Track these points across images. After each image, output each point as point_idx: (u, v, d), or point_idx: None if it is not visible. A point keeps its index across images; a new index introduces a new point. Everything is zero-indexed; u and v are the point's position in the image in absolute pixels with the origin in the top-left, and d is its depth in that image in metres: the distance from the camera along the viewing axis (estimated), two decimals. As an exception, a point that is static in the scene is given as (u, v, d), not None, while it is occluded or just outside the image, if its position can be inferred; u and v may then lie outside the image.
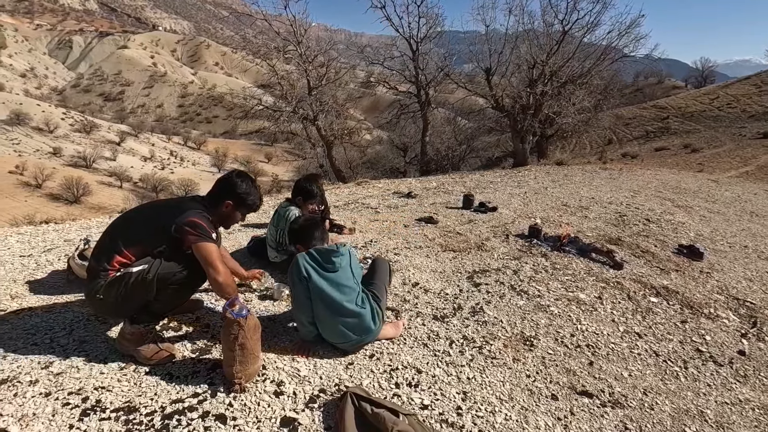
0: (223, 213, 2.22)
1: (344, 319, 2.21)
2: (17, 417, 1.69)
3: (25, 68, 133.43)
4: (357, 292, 2.29)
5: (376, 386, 2.09)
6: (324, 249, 2.32)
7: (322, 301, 2.19)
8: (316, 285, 2.20)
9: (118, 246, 1.99)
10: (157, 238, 2.01)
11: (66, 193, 45.85)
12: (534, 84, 11.55)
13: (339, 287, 2.23)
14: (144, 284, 1.95)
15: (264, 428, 1.75)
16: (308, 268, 2.23)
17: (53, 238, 3.75)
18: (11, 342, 2.15)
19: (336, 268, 2.26)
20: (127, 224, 2.12)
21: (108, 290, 1.96)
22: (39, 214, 32.85)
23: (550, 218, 5.36)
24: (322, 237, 2.47)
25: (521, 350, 2.53)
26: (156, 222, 2.05)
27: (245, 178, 2.29)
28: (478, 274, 3.49)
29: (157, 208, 2.21)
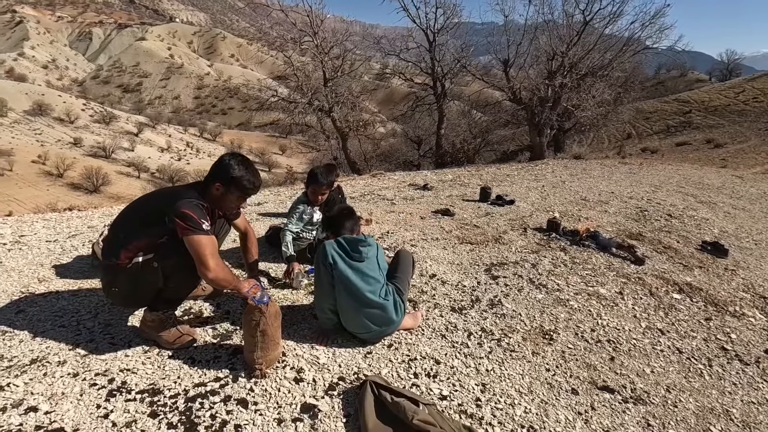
0: (214, 196, 2.09)
1: (367, 309, 2.20)
2: (47, 396, 1.74)
3: (47, 60, 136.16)
4: (381, 284, 2.28)
5: (395, 376, 2.09)
6: (352, 238, 2.32)
7: (345, 289, 2.19)
8: (341, 272, 2.20)
9: (123, 240, 1.99)
10: (158, 230, 1.98)
11: (86, 182, 46.90)
12: (553, 76, 11.32)
13: (364, 277, 2.22)
14: (151, 273, 1.96)
15: (285, 414, 1.77)
16: (334, 255, 2.23)
17: (77, 224, 3.84)
18: (40, 323, 2.21)
19: (362, 257, 2.25)
20: (128, 218, 2.09)
21: (121, 282, 1.99)
22: (60, 203, 33.74)
23: (568, 212, 5.27)
24: (352, 228, 2.45)
25: (540, 344, 2.50)
26: (153, 214, 2.01)
27: (236, 158, 2.13)
28: (495, 267, 3.46)
29: (153, 200, 2.15)
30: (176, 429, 1.64)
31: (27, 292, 2.52)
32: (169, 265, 1.97)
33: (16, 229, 3.58)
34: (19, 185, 45.41)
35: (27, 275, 2.73)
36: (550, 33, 11.58)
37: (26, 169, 48.51)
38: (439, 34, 12.43)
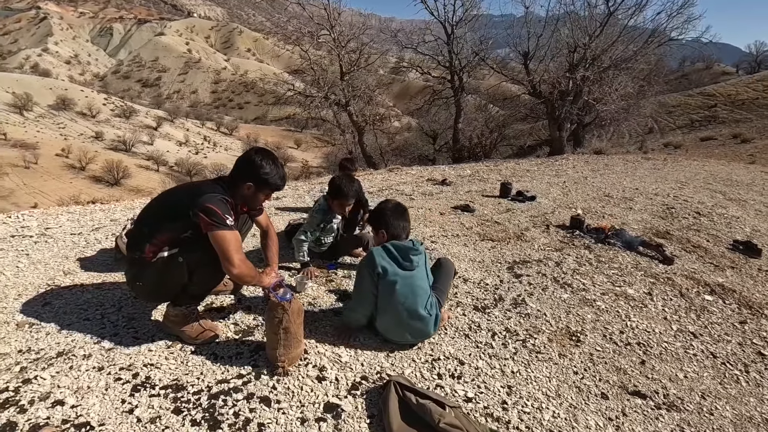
0: (245, 195, 2.08)
1: (411, 322, 2.14)
2: (73, 389, 1.74)
3: (70, 55, 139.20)
4: (428, 295, 2.18)
5: (418, 376, 2.05)
6: (402, 245, 2.17)
7: (393, 300, 2.11)
8: (390, 283, 2.10)
9: (148, 234, 1.98)
10: (182, 224, 1.97)
11: (107, 175, 47.97)
12: (574, 69, 11.03)
13: (413, 289, 2.13)
14: (176, 268, 1.95)
15: (308, 413, 1.74)
16: (384, 264, 2.12)
17: (100, 217, 3.88)
18: (65, 316, 2.23)
19: (413, 266, 2.15)
20: (153, 212, 2.09)
21: (146, 276, 1.98)
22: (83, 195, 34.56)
23: (591, 209, 5.14)
24: (405, 229, 2.28)
25: (567, 345, 2.42)
26: (177, 208, 2.00)
27: (265, 156, 2.09)
28: (518, 265, 3.38)
29: (177, 194, 2.13)
30: (200, 426, 1.63)
31: (53, 285, 2.55)
32: (194, 259, 1.96)
33: (42, 222, 3.64)
34: (44, 178, 46.71)
35: (53, 268, 2.76)
36: (572, 24, 11.26)
37: (50, 162, 49.84)
38: (457, 27, 12.22)
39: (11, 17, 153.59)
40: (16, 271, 2.69)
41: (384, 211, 2.26)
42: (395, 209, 2.28)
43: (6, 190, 41.72)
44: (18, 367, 1.84)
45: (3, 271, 2.66)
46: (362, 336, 2.28)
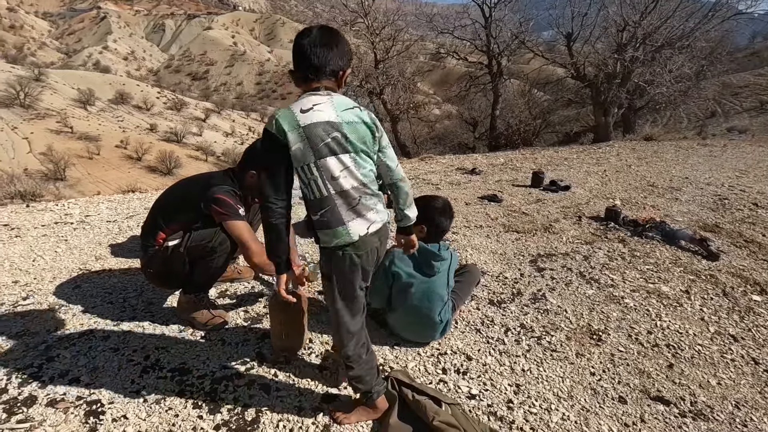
0: (251, 184, 2.09)
1: (420, 326, 2.11)
2: (89, 368, 1.85)
3: (127, 52, 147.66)
4: (444, 303, 2.10)
5: (422, 370, 2.01)
6: (427, 250, 2.05)
7: (406, 302, 2.06)
8: (404, 285, 2.04)
9: (160, 223, 2.05)
10: (192, 215, 2.02)
11: (161, 165, 50.80)
12: (623, 49, 10.30)
13: (430, 295, 2.05)
14: (177, 258, 2.01)
15: (305, 403, 1.75)
16: (398, 270, 2.05)
17: (136, 206, 4.10)
18: (91, 299, 2.38)
19: (434, 272, 2.07)
20: (165, 202, 2.15)
21: (155, 264, 2.07)
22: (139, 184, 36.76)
23: (632, 200, 4.81)
24: (445, 230, 2.17)
25: (587, 344, 2.29)
26: (188, 199, 2.06)
27: None
28: (542, 258, 3.23)
29: (189, 185, 2.19)
30: (200, 409, 1.68)
31: (84, 269, 2.72)
32: (193, 251, 2.01)
33: (84, 210, 3.89)
34: (105, 168, 50.23)
35: (86, 253, 2.95)
36: (621, 1, 10.47)
37: (111, 153, 53.44)
38: (495, 9, 11.73)
39: (75, 18, 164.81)
40: (54, 255, 2.90)
41: (432, 208, 2.11)
42: (444, 208, 2.14)
43: (74, 179, 45.30)
44: (44, 346, 1.98)
45: (43, 255, 2.88)
46: (367, 327, 2.26)
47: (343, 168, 1.40)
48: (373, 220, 1.47)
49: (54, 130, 55.63)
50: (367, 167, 1.45)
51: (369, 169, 1.46)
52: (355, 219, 1.43)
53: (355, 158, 1.42)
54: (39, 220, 3.55)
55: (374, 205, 1.48)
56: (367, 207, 1.45)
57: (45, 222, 3.52)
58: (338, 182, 1.39)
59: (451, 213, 2.18)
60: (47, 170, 44.48)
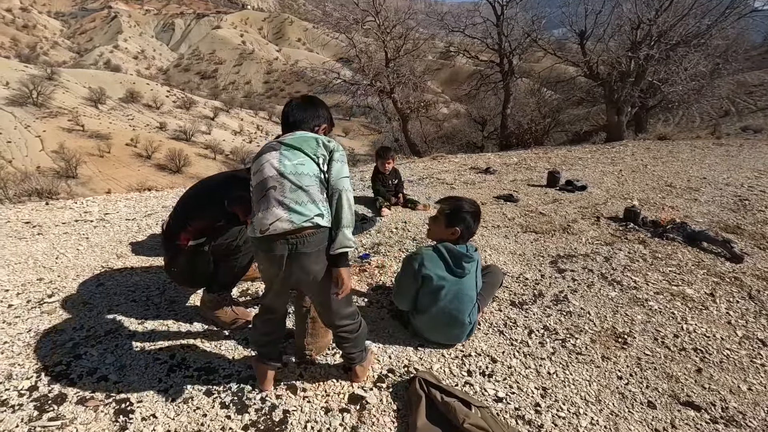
0: None
1: (450, 327, 2.09)
2: (117, 367, 1.86)
3: (137, 51, 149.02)
4: (474, 303, 2.11)
5: (447, 372, 1.99)
6: (457, 252, 2.07)
7: (436, 304, 2.05)
8: (435, 288, 2.04)
9: (183, 223, 2.05)
10: (216, 213, 2.02)
11: (170, 163, 51.24)
12: (637, 47, 10.15)
13: (460, 297, 2.05)
14: (202, 257, 2.02)
15: (332, 403, 1.75)
16: (429, 272, 2.03)
17: (153, 204, 4.13)
18: (115, 297, 2.39)
19: (464, 273, 2.07)
20: (189, 201, 2.15)
21: (179, 263, 2.07)
22: (149, 182, 36.91)
23: (650, 200, 4.74)
24: (474, 232, 2.21)
25: (612, 348, 2.25)
26: (211, 197, 2.06)
27: None
28: (562, 259, 3.19)
29: (212, 184, 2.19)
30: (228, 409, 1.68)
31: (107, 267, 2.74)
32: (218, 250, 2.01)
33: (102, 208, 3.92)
34: (116, 166, 50.78)
35: (108, 251, 2.97)
36: (636, -1, 10.34)
37: (121, 151, 54.00)
38: (507, 7, 11.63)
39: (87, 17, 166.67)
40: (77, 253, 2.92)
41: (465, 211, 2.13)
42: (476, 212, 2.17)
43: (85, 177, 45.86)
44: (71, 344, 1.99)
45: (65, 252, 2.90)
46: (391, 327, 2.25)
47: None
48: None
49: (66, 129, 56.34)
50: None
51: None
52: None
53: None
54: (60, 218, 3.59)
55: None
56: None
57: (65, 220, 3.55)
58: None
59: (480, 214, 2.19)
60: (59, 168, 45.06)
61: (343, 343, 1.77)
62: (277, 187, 1.54)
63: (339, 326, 1.73)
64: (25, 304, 2.29)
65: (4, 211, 3.78)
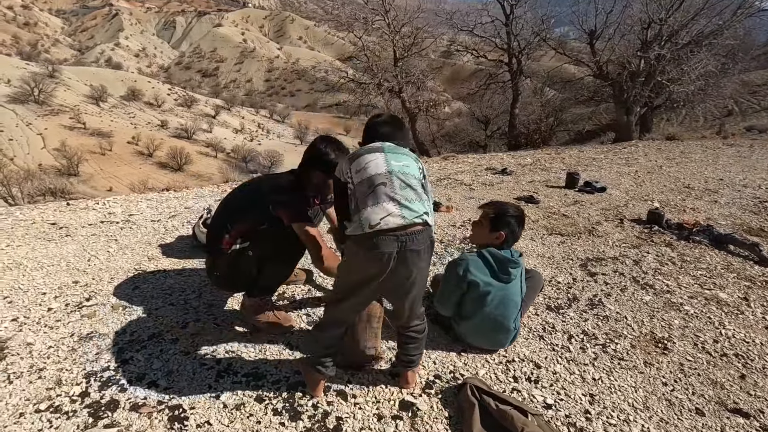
0: (315, 184, 2.06)
1: (495, 333, 2.08)
2: (164, 372, 1.85)
3: (138, 48, 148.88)
4: (519, 309, 2.09)
5: (493, 378, 1.98)
6: (503, 257, 2.05)
7: (482, 311, 2.03)
8: (481, 294, 2.01)
9: (226, 225, 2.04)
10: (259, 216, 2.01)
11: (171, 161, 51.26)
12: (648, 47, 10.13)
13: (506, 303, 2.04)
14: (245, 261, 2.00)
15: (383, 410, 1.74)
16: (475, 279, 2.01)
17: (175, 204, 4.11)
18: (153, 300, 2.38)
19: (511, 279, 2.05)
20: (231, 204, 2.14)
21: (221, 267, 2.06)
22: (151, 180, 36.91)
23: (670, 202, 4.73)
24: (517, 236, 2.16)
25: (653, 353, 2.24)
26: (256, 200, 2.05)
27: (329, 142, 2.06)
28: (592, 262, 3.18)
29: (256, 186, 2.18)
30: (281, 416, 1.67)
31: (139, 270, 2.73)
32: (262, 254, 2.00)
33: (126, 209, 3.91)
34: (117, 164, 50.80)
35: (138, 253, 2.96)
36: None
37: (123, 149, 54.02)
38: (517, 6, 11.59)
39: (88, 15, 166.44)
40: (108, 255, 2.91)
41: (510, 215, 2.11)
42: (520, 216, 2.14)
43: (86, 175, 45.88)
44: (116, 348, 1.98)
45: (97, 255, 2.89)
46: (432, 332, 2.24)
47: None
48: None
49: (67, 126, 56.37)
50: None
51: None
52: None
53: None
54: (85, 219, 3.58)
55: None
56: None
57: (91, 221, 3.54)
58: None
59: (524, 218, 2.17)
60: (61, 166, 45.10)
61: (409, 344, 1.76)
62: (387, 183, 1.57)
63: (410, 326, 1.74)
64: (63, 308, 2.28)
65: (26, 212, 3.77)
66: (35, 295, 2.38)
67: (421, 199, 1.62)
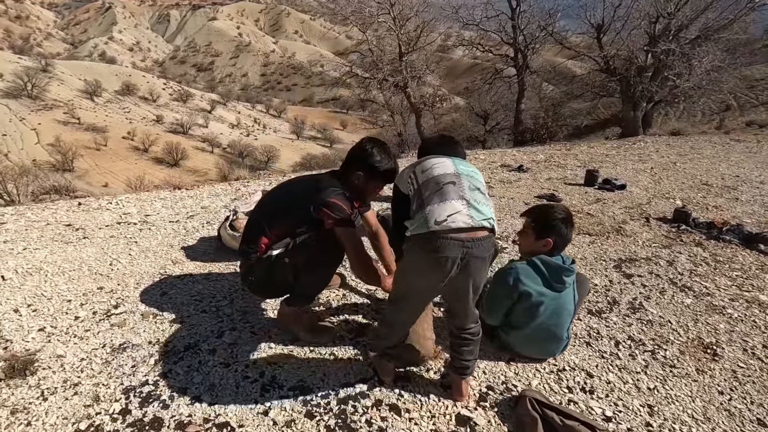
0: (356, 186, 1.96)
1: (547, 343, 2.00)
2: (206, 386, 1.76)
3: (132, 42, 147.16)
4: (572, 317, 2.00)
5: (547, 388, 1.90)
6: (555, 265, 1.94)
7: (534, 321, 1.94)
8: (534, 304, 1.92)
9: (263, 227, 1.94)
10: (298, 219, 1.91)
11: (167, 156, 50.84)
12: (655, 41, 10.03)
13: (559, 312, 1.94)
14: (282, 268, 1.90)
15: (440, 425, 1.65)
16: (527, 289, 1.91)
17: (191, 204, 4.00)
18: (183, 307, 2.28)
19: (564, 288, 1.96)
20: (269, 205, 2.05)
21: (257, 273, 1.96)
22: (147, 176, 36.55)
23: (692, 200, 4.67)
24: (566, 240, 2.01)
25: (703, 360, 2.17)
26: (296, 202, 1.95)
27: (377, 144, 2.00)
28: (626, 264, 3.10)
29: (297, 187, 2.08)
30: (335, 433, 1.58)
31: (165, 274, 2.62)
32: (299, 261, 1.89)
33: (141, 209, 3.79)
34: (113, 159, 50.31)
35: (161, 256, 2.85)
36: (654, -9, 10.16)
37: (118, 144, 53.50)
38: (523, 0, 11.45)
39: (80, 8, 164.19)
40: (130, 258, 2.80)
41: (555, 219, 1.96)
42: (567, 218, 1.98)
43: (81, 170, 45.43)
44: (152, 360, 1.88)
45: (119, 258, 2.78)
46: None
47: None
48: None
49: (61, 121, 55.74)
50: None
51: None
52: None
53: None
54: (100, 220, 3.46)
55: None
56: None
57: (107, 222, 3.42)
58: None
59: (572, 221, 2.06)
60: (55, 161, 44.63)
61: (463, 347, 1.69)
62: (456, 183, 1.57)
63: (466, 329, 1.68)
64: (91, 316, 2.17)
65: (37, 212, 3.65)
66: (60, 302, 2.27)
67: (489, 204, 1.57)
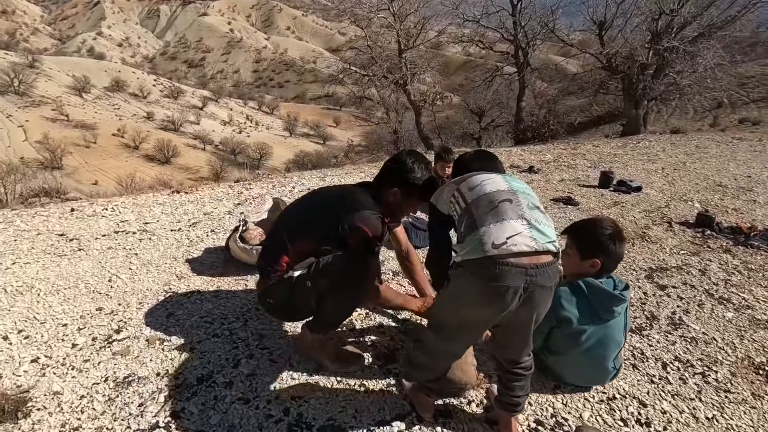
0: (391, 203, 1.79)
1: (590, 372, 1.82)
2: (225, 428, 1.56)
3: (122, 38, 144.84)
4: (621, 347, 1.81)
5: (600, 422, 1.73)
6: (603, 292, 1.73)
7: (574, 349, 1.76)
8: (575, 332, 1.73)
9: (285, 243, 1.75)
10: (323, 235, 1.73)
11: (159, 154, 50.15)
12: (658, 39, 9.93)
13: (606, 344, 1.75)
14: (304, 292, 1.71)
15: (490, 469, 1.47)
16: (569, 315, 1.73)
17: (192, 210, 3.77)
18: (193, 330, 2.07)
19: (613, 317, 1.76)
20: (293, 218, 1.86)
21: (275, 294, 1.77)
22: (138, 174, 35.97)
23: (710, 202, 4.54)
24: (617, 258, 1.80)
25: (757, 382, 2.02)
26: (321, 215, 1.77)
27: (418, 158, 1.81)
28: (657, 273, 2.95)
29: (328, 199, 1.87)
30: (376, 482, 1.40)
31: (170, 291, 2.41)
32: (322, 286, 1.69)
33: (139, 215, 3.56)
34: (103, 156, 49.50)
35: (165, 271, 2.63)
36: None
37: (108, 141, 52.64)
38: (525, -4, 11.29)
39: (68, 3, 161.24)
40: (131, 274, 2.58)
41: (602, 236, 1.73)
42: (616, 233, 1.74)
43: (71, 168, 44.64)
44: (162, 396, 1.68)
45: (118, 274, 2.56)
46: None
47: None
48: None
49: (50, 118, 54.74)
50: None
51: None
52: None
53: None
54: (96, 229, 3.22)
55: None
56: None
57: (104, 231, 3.19)
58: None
59: (623, 236, 1.86)
60: (44, 159, 43.80)
61: (515, 382, 1.49)
62: (513, 200, 1.37)
63: (520, 363, 1.48)
64: (91, 343, 1.96)
65: (27, 220, 3.40)
66: (55, 327, 2.05)
67: (551, 225, 1.38)
